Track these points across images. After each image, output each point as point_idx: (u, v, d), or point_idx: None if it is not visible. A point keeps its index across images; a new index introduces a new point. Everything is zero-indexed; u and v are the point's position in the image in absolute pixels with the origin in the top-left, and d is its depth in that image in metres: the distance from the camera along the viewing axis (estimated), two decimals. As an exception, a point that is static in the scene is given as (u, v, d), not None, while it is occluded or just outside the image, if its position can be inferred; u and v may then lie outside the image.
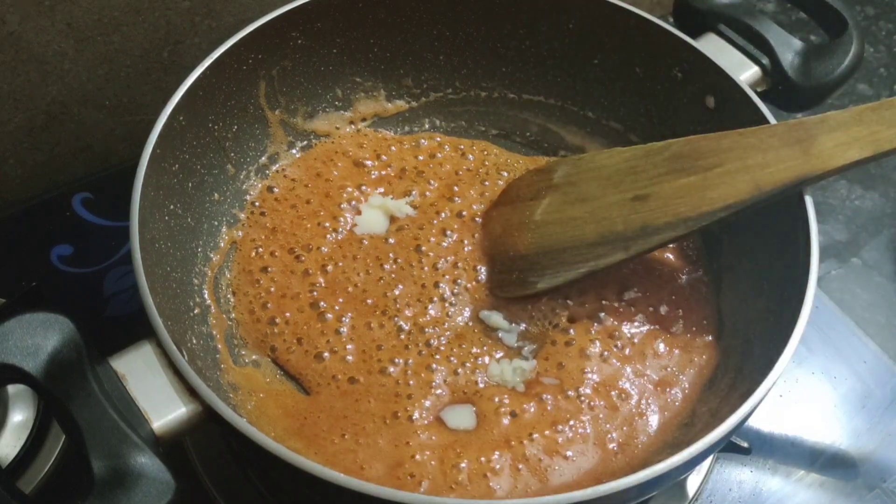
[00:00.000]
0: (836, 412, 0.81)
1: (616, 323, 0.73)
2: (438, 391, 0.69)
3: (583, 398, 0.68)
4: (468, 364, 0.71)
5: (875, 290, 0.91)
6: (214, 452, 0.71)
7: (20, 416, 0.72)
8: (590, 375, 0.70)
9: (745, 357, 0.67)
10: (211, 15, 0.90)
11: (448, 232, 0.79)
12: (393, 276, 0.76)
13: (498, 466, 0.64)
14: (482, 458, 0.64)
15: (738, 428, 0.55)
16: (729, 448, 0.74)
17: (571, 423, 0.67)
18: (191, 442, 0.71)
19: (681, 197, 0.61)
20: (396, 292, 0.75)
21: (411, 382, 0.69)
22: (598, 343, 0.72)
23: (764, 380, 0.55)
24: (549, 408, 0.68)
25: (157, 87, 0.93)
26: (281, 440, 0.59)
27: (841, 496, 0.76)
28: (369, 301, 0.74)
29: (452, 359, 0.71)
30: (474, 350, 0.72)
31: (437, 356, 0.71)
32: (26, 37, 0.81)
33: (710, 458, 0.75)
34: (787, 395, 0.81)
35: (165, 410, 0.53)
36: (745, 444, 0.74)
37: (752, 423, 0.79)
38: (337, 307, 0.73)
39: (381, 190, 0.81)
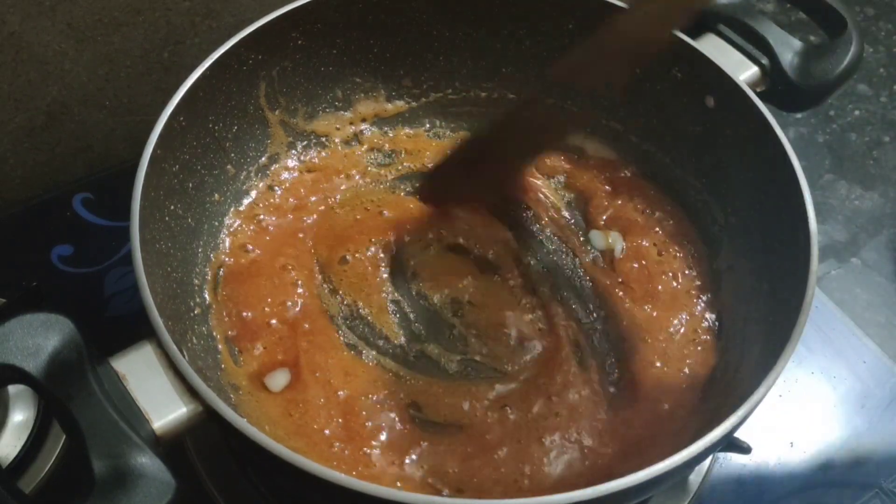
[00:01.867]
0: (836, 412, 0.81)
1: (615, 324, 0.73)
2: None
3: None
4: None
5: (875, 290, 0.91)
6: (214, 452, 0.71)
7: (20, 416, 0.72)
8: (590, 375, 0.70)
9: (744, 357, 0.67)
10: (211, 15, 0.90)
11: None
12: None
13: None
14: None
15: (738, 428, 0.55)
16: (729, 448, 0.74)
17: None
18: (191, 442, 0.71)
19: None
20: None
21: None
22: (597, 343, 0.72)
23: (764, 380, 0.55)
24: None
25: (157, 88, 0.93)
26: (281, 440, 0.59)
27: (841, 496, 0.76)
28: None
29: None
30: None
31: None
32: (27, 37, 0.81)
33: (710, 458, 0.75)
34: (786, 395, 0.81)
35: (166, 410, 0.53)
36: (745, 444, 0.74)
37: (752, 423, 0.78)
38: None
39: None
